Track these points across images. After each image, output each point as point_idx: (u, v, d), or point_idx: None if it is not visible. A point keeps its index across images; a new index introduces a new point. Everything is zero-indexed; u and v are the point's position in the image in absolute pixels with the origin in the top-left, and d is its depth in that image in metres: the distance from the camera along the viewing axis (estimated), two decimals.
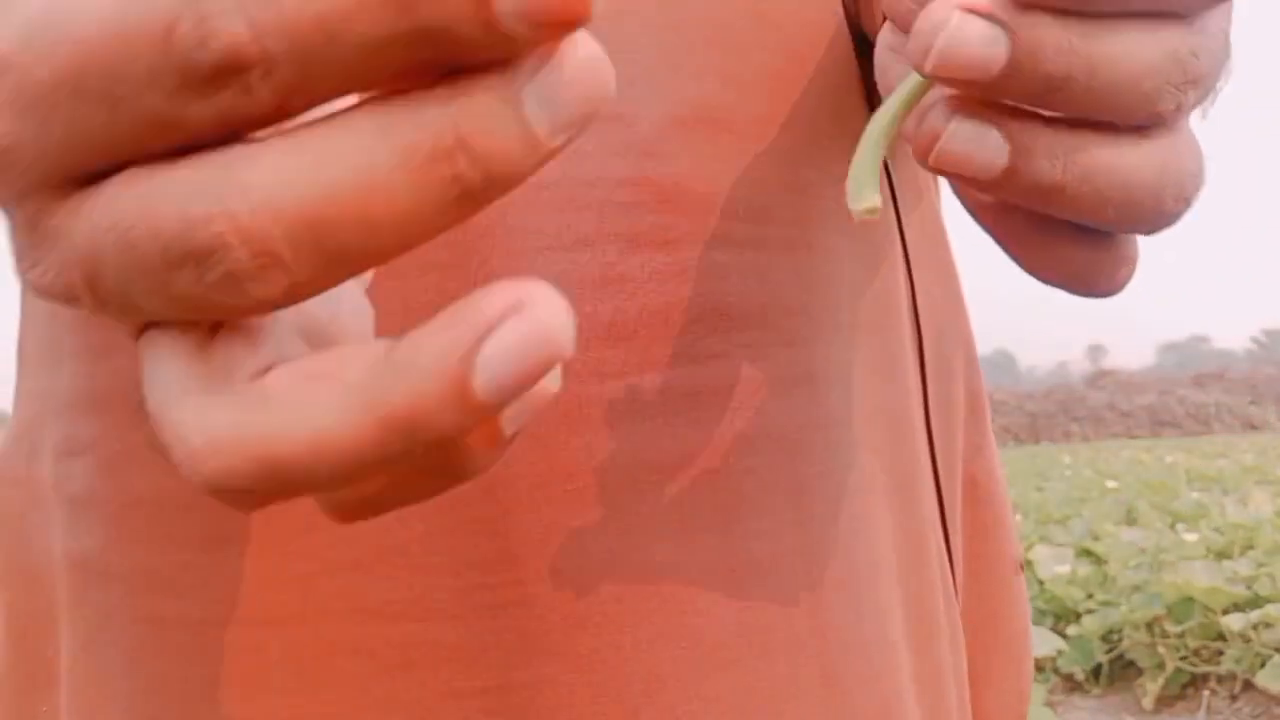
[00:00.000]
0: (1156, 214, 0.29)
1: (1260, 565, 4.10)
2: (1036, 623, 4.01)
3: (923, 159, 0.28)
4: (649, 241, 0.39)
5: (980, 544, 0.53)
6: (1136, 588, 4.06)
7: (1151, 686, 3.76)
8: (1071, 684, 3.95)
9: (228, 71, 0.19)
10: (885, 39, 0.33)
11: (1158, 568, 4.25)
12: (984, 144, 0.28)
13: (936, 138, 0.27)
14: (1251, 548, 4.45)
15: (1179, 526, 5.40)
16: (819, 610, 0.41)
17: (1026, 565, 4.25)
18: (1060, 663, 3.87)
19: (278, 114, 0.20)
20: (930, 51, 0.26)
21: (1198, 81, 0.28)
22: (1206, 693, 3.71)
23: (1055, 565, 4.33)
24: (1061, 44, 0.27)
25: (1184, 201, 0.29)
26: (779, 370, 0.41)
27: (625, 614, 0.38)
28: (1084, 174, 0.28)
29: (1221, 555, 4.41)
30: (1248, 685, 3.68)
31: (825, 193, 0.43)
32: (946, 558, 0.48)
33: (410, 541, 0.37)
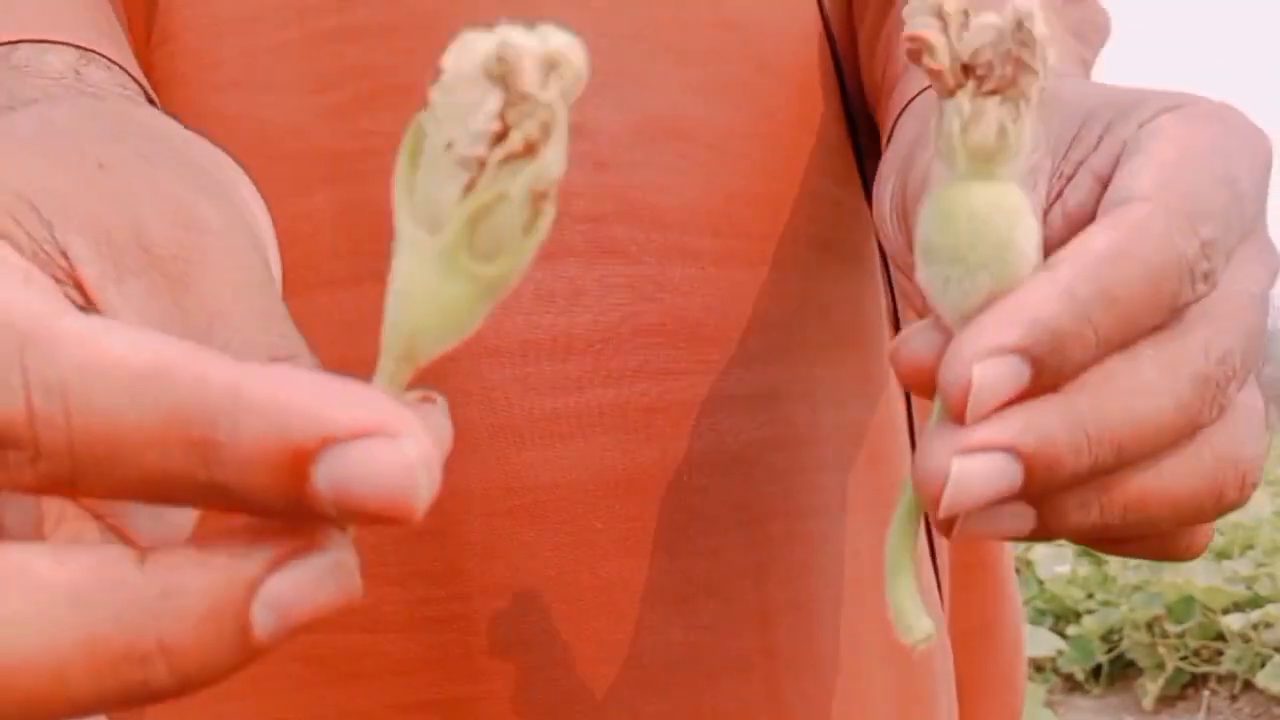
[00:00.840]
0: (1217, 511, 0.28)
1: (1260, 565, 4.08)
2: (1036, 623, 3.99)
3: (947, 536, 0.27)
4: (606, 255, 0.39)
5: (969, 554, 0.52)
6: (1136, 588, 4.05)
7: (1152, 686, 3.74)
8: (1071, 684, 3.93)
9: None
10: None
11: (1157, 567, 4.24)
12: (1006, 516, 0.26)
13: (954, 522, 0.26)
14: (1251, 547, 4.43)
15: None
16: (769, 631, 0.41)
17: (1026, 565, 4.24)
18: (1060, 663, 3.86)
19: (46, 491, 0.19)
20: (940, 503, 0.25)
21: (1229, 401, 0.27)
22: (1206, 693, 3.70)
23: (1055, 565, 4.31)
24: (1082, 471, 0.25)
25: (1248, 488, 0.28)
26: (739, 388, 0.41)
27: (569, 631, 0.37)
28: (1125, 509, 0.27)
29: (1221, 555, 4.39)
30: (1248, 685, 3.66)
31: (798, 205, 0.42)
32: (934, 572, 0.47)
33: (362, 551, 0.37)
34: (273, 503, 0.19)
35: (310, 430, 0.18)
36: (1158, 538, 0.29)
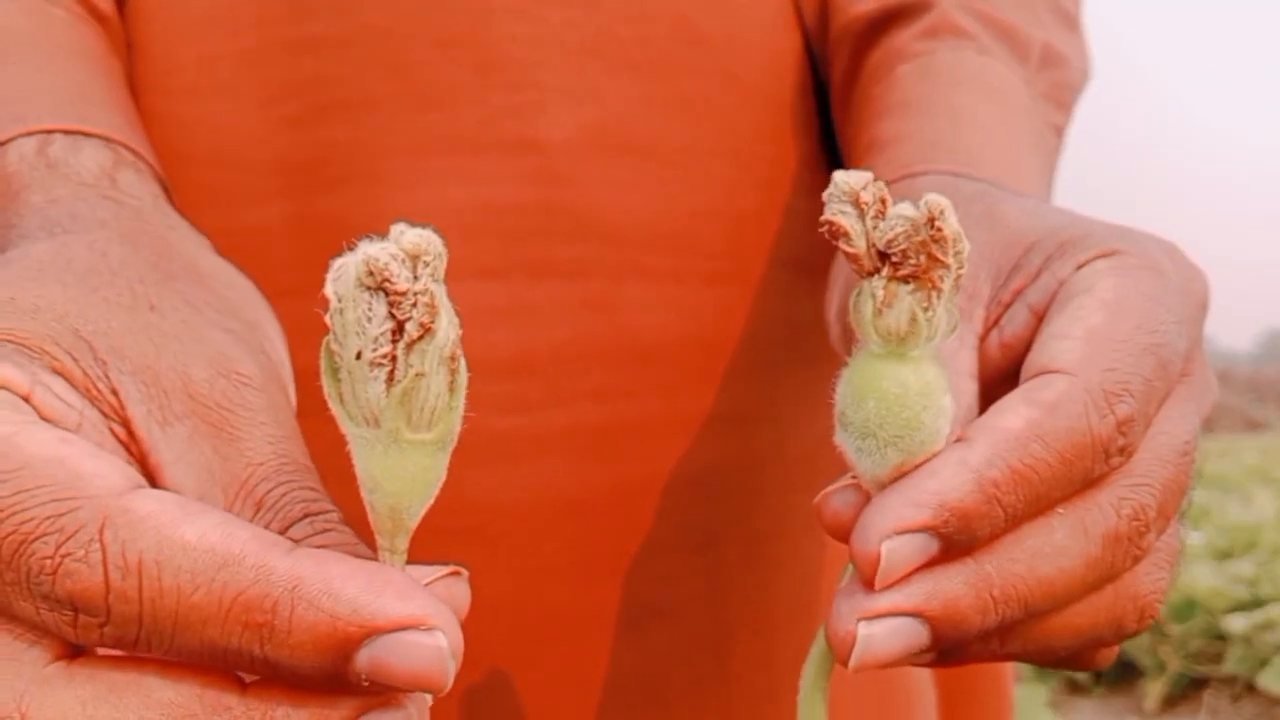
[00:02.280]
0: (1115, 639, 0.29)
1: (1263, 566, 4.07)
2: None
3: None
4: (559, 272, 0.39)
5: None
6: None
7: (1153, 688, 3.74)
8: (1073, 686, 3.93)
9: (67, 605, 0.21)
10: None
11: None
12: (905, 637, 0.27)
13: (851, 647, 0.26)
14: (1254, 548, 4.43)
15: None
16: (725, 657, 0.40)
17: None
18: None
19: (109, 647, 0.22)
20: (850, 659, 0.26)
21: (1148, 545, 0.28)
22: (1208, 694, 3.69)
23: None
24: (986, 611, 0.26)
25: (1146, 620, 0.29)
26: (695, 409, 0.40)
27: (518, 655, 0.37)
28: (1025, 643, 0.28)
29: (1224, 556, 4.39)
30: (1250, 687, 3.65)
31: (766, 222, 0.42)
32: None
33: None
34: (316, 677, 0.21)
35: (358, 622, 0.21)
36: (1061, 659, 0.30)
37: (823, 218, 0.27)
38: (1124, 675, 3.91)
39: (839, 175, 0.26)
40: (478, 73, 0.39)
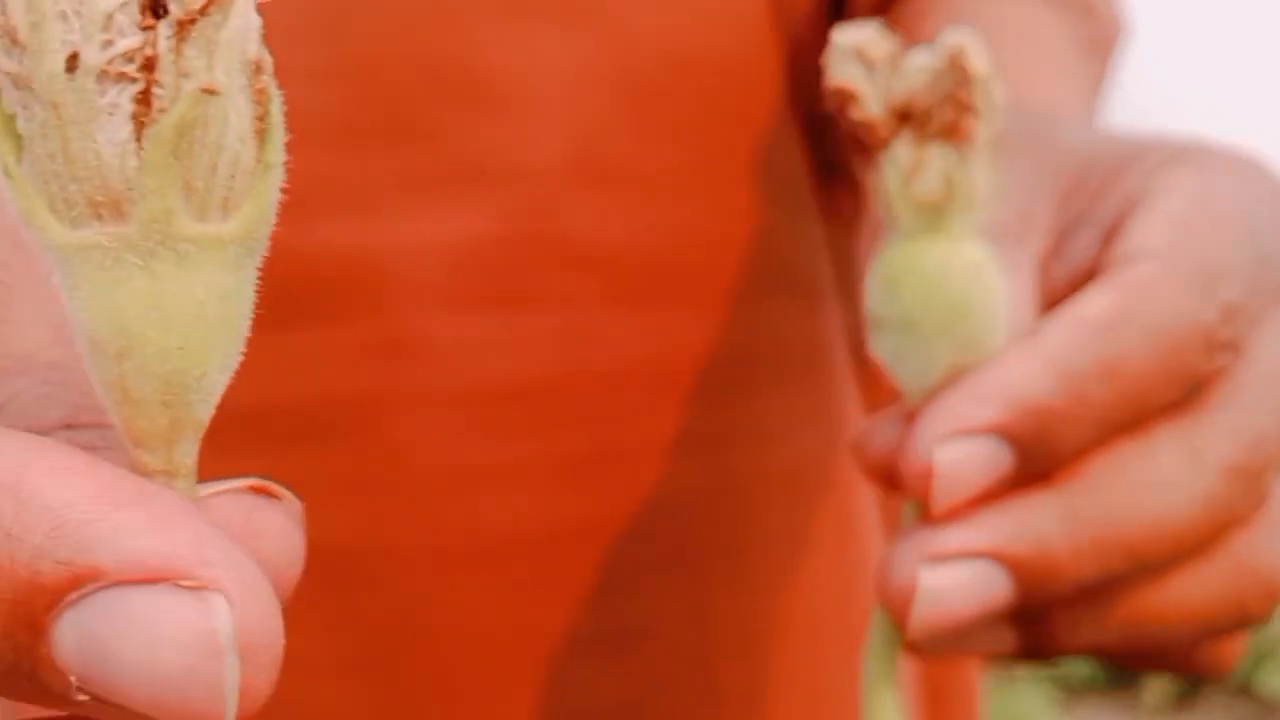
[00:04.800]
0: (1238, 626, 0.25)
1: None
2: None
3: (919, 658, 0.26)
4: (543, 301, 0.38)
5: None
6: None
7: (1153, 686, 3.73)
8: (1073, 685, 3.92)
9: None
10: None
11: None
12: (981, 633, 0.23)
13: (924, 643, 0.23)
14: None
15: None
16: (711, 677, 0.40)
17: None
18: (1062, 663, 3.84)
19: None
20: (911, 620, 0.21)
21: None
22: (1207, 694, 3.69)
23: None
24: (1081, 557, 0.22)
25: (1275, 602, 0.25)
26: (675, 431, 0.40)
27: (497, 680, 0.37)
28: (1124, 626, 0.24)
29: None
30: (1248, 686, 3.65)
31: (747, 243, 0.42)
32: None
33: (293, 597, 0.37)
34: None
35: (58, 556, 0.12)
36: (1170, 654, 0.26)
37: (827, 84, 0.23)
38: (1123, 675, 3.90)
39: (839, 33, 0.23)
40: (463, 102, 0.38)
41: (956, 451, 0.21)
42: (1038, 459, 0.22)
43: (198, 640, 0.12)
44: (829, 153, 0.44)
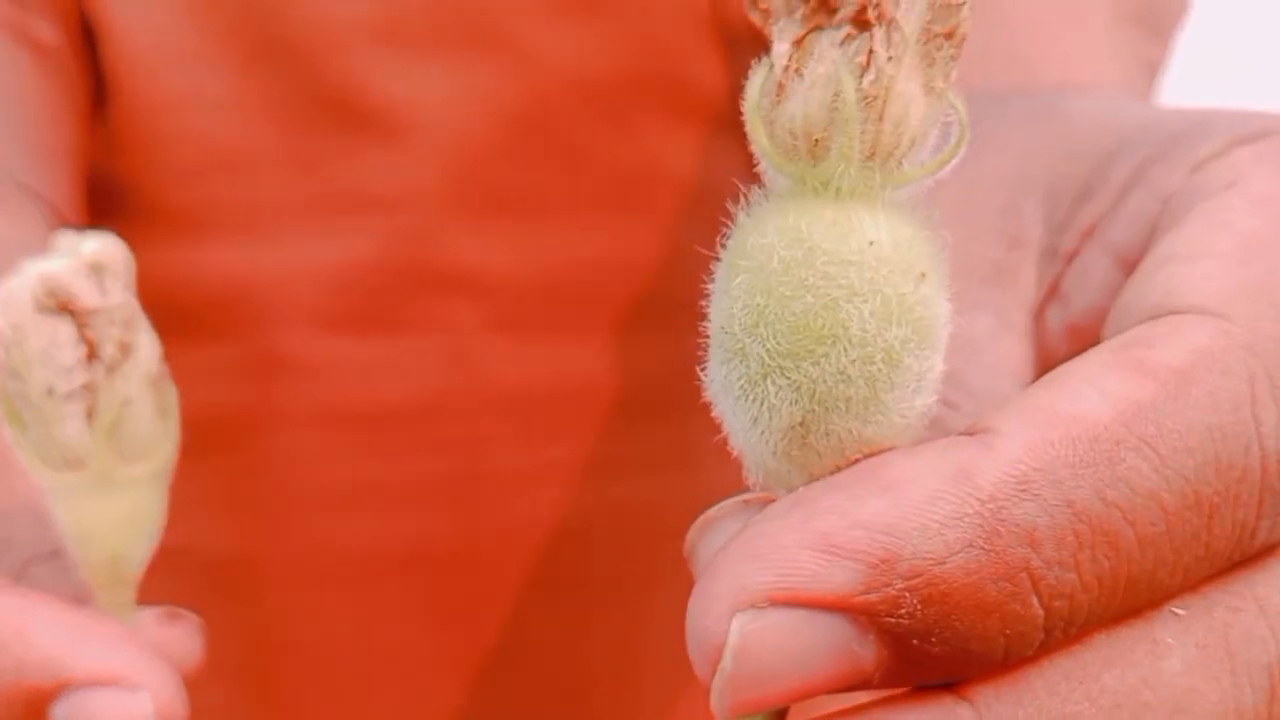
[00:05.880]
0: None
1: None
2: None
3: None
4: (418, 327, 0.38)
5: None
6: None
7: None
8: None
9: None
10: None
11: None
12: None
13: None
14: None
15: None
16: (585, 704, 0.40)
17: None
18: None
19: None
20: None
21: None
22: None
23: None
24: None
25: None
26: (557, 459, 0.39)
27: (364, 696, 0.38)
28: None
29: None
30: None
31: (659, 267, 0.40)
32: None
33: (170, 601, 0.37)
34: None
35: (48, 673, 0.19)
36: None
37: None
38: None
39: None
40: (346, 131, 0.39)
41: (765, 628, 0.13)
42: (929, 660, 0.13)
43: (138, 714, 0.19)
44: None
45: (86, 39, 0.40)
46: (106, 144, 0.40)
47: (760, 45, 0.44)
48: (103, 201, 0.40)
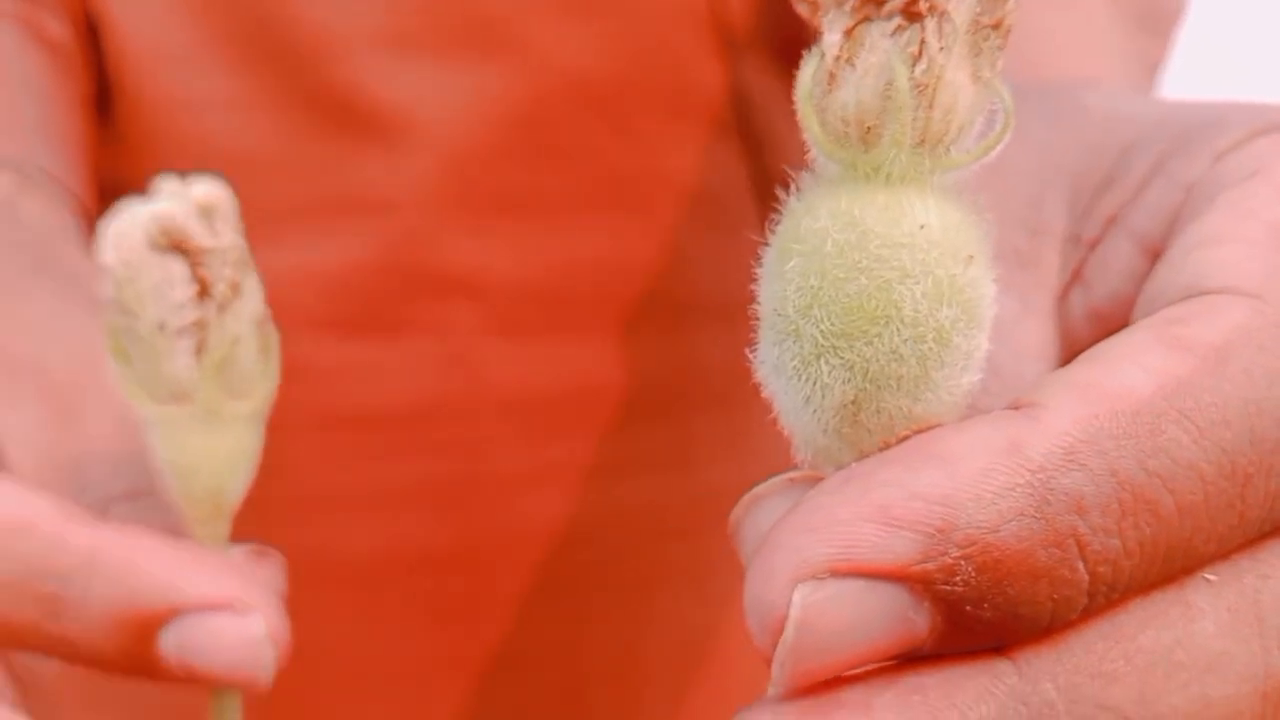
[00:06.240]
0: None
1: None
2: None
3: None
4: (417, 329, 0.38)
5: None
6: None
7: None
8: None
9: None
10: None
11: None
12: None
13: None
14: None
15: None
16: (585, 707, 0.40)
17: None
18: None
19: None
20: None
21: None
22: None
23: None
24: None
25: None
26: (557, 460, 0.39)
27: (362, 700, 0.38)
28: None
29: None
30: None
31: (660, 268, 0.40)
32: None
33: None
34: (117, 660, 0.20)
35: (160, 599, 0.20)
36: None
37: None
38: None
39: None
40: (344, 135, 0.39)
41: (826, 599, 0.13)
42: (979, 624, 0.13)
43: (251, 637, 0.21)
44: (770, 166, 0.42)
45: (91, 39, 0.40)
46: (108, 144, 0.40)
47: (758, 47, 0.45)
48: (103, 202, 0.40)
